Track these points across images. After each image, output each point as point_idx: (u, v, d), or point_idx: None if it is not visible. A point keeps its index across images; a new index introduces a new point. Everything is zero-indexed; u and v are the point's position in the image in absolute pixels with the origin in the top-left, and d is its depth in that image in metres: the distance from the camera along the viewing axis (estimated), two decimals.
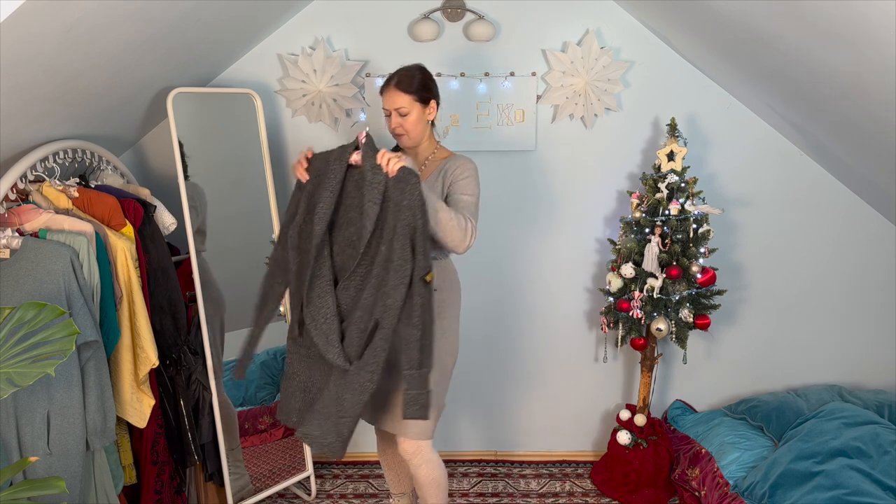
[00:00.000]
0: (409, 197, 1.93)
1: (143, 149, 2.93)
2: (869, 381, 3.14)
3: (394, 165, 1.93)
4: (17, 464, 1.71)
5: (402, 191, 1.93)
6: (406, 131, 2.18)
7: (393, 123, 2.18)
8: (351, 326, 1.99)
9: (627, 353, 3.14)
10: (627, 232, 2.74)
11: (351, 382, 1.99)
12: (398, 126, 2.18)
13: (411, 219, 1.93)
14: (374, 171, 1.95)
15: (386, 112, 2.20)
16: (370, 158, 1.97)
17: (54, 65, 1.83)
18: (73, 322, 1.74)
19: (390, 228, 1.95)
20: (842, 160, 2.74)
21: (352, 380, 1.98)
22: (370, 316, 1.98)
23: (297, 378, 2.14)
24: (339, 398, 2.01)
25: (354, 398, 1.98)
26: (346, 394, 1.99)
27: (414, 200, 1.93)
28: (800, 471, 2.39)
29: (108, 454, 2.20)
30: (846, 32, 1.80)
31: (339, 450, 2.03)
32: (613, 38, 2.81)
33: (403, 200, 1.93)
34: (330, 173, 2.01)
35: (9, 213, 2.05)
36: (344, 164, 2.01)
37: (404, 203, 1.93)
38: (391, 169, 1.93)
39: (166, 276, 2.40)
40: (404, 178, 1.94)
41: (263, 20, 2.64)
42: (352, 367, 1.98)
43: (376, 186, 1.95)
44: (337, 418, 2.01)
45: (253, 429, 2.84)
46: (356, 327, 1.98)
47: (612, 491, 2.94)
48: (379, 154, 1.96)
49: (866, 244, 3.00)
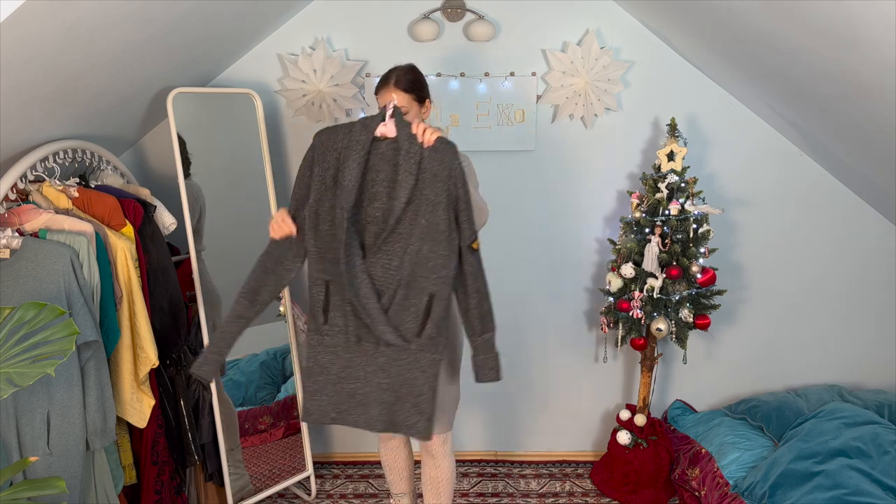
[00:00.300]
0: (448, 167, 1.92)
1: (143, 149, 2.93)
2: (869, 381, 3.14)
3: (431, 135, 1.93)
4: (17, 464, 1.71)
5: (441, 161, 1.92)
6: None
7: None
8: (395, 305, 1.97)
9: (627, 353, 3.14)
10: (627, 232, 2.74)
11: (418, 360, 1.97)
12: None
13: (452, 189, 1.93)
14: (411, 142, 1.92)
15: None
16: (405, 129, 1.94)
17: (54, 65, 1.83)
18: (73, 322, 1.75)
19: (429, 200, 1.93)
20: (842, 160, 2.74)
21: (417, 357, 1.97)
22: (419, 290, 1.96)
23: (328, 372, 2.04)
24: (406, 379, 1.99)
25: (426, 375, 1.98)
26: (413, 372, 1.98)
27: (454, 170, 1.93)
28: (800, 471, 2.39)
29: (108, 454, 2.20)
30: (846, 33, 1.80)
31: (425, 430, 2.00)
32: (613, 38, 2.81)
33: (443, 171, 1.92)
34: (354, 146, 1.94)
35: (9, 213, 2.05)
36: (370, 136, 1.95)
37: (444, 173, 1.92)
38: (428, 139, 1.92)
39: (166, 276, 2.40)
40: (442, 149, 1.93)
41: (263, 20, 2.64)
42: (412, 345, 1.96)
43: (413, 157, 1.92)
44: (414, 398, 1.99)
45: (253, 429, 2.84)
46: (402, 305, 1.97)
47: (612, 491, 2.94)
48: (414, 125, 1.94)
49: (866, 244, 3.00)
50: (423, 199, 1.94)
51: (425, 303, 1.96)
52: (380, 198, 1.95)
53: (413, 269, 1.95)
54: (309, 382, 2.06)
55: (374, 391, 2.02)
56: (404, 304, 1.97)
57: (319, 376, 2.05)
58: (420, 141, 1.92)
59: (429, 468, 2.35)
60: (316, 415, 2.06)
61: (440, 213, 1.93)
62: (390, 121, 1.94)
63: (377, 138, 1.95)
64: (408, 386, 1.99)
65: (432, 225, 1.93)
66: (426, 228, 1.93)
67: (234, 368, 2.86)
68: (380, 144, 1.95)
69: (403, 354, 1.99)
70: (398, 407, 2.01)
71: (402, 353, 1.99)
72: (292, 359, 2.83)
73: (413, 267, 1.95)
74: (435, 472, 2.34)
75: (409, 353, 1.98)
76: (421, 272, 1.95)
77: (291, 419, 2.91)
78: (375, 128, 1.94)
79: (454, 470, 2.38)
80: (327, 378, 2.04)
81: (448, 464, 2.34)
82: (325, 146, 1.98)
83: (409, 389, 1.99)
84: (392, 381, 2.01)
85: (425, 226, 1.93)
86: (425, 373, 1.98)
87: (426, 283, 1.95)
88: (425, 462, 2.36)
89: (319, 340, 2.05)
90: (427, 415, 2.00)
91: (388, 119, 1.94)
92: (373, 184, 1.96)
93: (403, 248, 1.95)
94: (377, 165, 1.95)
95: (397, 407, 2.02)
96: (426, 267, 1.95)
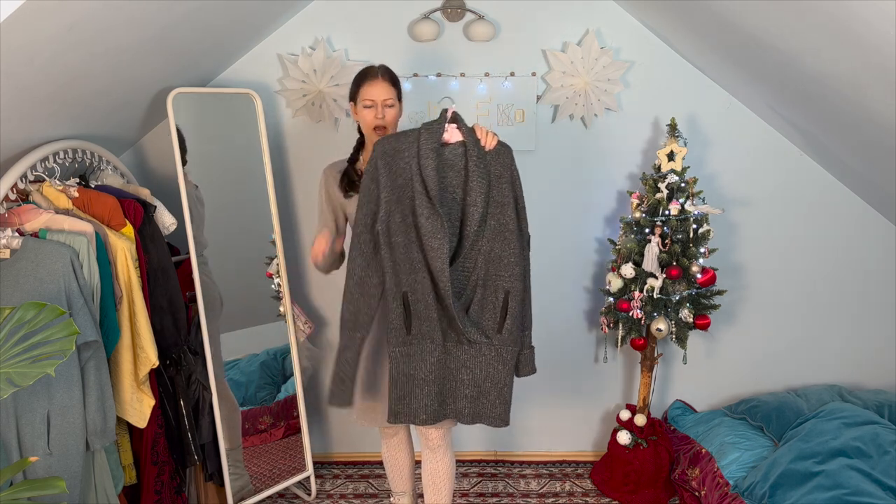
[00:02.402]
0: (510, 168, 2.01)
1: (143, 149, 2.93)
2: (869, 381, 3.14)
3: (492, 139, 2.00)
4: (17, 464, 1.71)
5: (503, 164, 2.00)
6: (388, 124, 2.17)
7: (377, 114, 2.15)
8: (474, 304, 2.05)
9: (627, 353, 3.14)
10: (627, 232, 2.74)
11: (500, 354, 2.06)
12: (382, 118, 2.16)
13: (511, 190, 2.01)
14: (478, 146, 1.98)
15: (368, 103, 2.16)
16: (470, 133, 1.99)
17: (54, 65, 1.83)
18: (73, 322, 1.74)
19: (496, 202, 2.01)
20: (842, 160, 2.74)
21: (500, 351, 2.06)
22: (494, 288, 2.04)
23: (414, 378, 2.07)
24: (489, 374, 2.07)
25: (508, 366, 2.06)
26: (497, 366, 2.06)
27: (514, 172, 2.02)
28: (800, 471, 2.39)
29: (108, 454, 2.20)
30: (846, 32, 1.80)
31: (506, 416, 2.09)
32: (613, 38, 2.81)
33: (506, 172, 2.00)
34: (428, 154, 1.96)
35: (9, 213, 2.05)
36: (439, 142, 1.98)
37: (507, 175, 2.00)
38: (490, 143, 1.99)
39: (166, 276, 2.40)
40: (503, 152, 2.00)
41: (263, 20, 2.64)
42: (493, 340, 2.05)
43: (482, 160, 1.98)
44: (498, 390, 2.07)
45: (253, 429, 2.84)
46: (480, 304, 2.05)
47: (612, 491, 2.94)
48: (477, 128, 2.01)
49: (866, 244, 3.00)
50: (491, 200, 2.01)
51: (502, 300, 2.04)
52: (447, 203, 2.01)
53: (488, 269, 2.04)
54: (394, 389, 2.07)
55: (458, 387, 2.10)
56: (483, 304, 2.06)
57: (406, 384, 2.07)
58: (483, 144, 1.99)
59: (430, 462, 2.36)
60: (405, 416, 2.09)
61: (509, 213, 2.01)
62: (452, 125, 1.98)
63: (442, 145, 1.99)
64: (491, 380, 2.07)
65: (502, 225, 2.02)
66: (496, 229, 2.02)
67: (234, 368, 2.86)
68: (444, 150, 2.00)
69: (486, 350, 2.06)
70: (482, 400, 2.10)
71: (485, 350, 2.06)
72: (292, 359, 2.83)
73: (487, 266, 2.04)
74: (435, 465, 2.35)
75: (492, 348, 2.06)
76: (495, 270, 2.04)
77: (291, 419, 2.92)
78: (442, 134, 1.98)
79: (454, 466, 2.39)
80: (415, 383, 2.08)
81: (449, 458, 2.35)
82: (391, 155, 1.99)
83: (493, 383, 2.07)
84: (474, 377, 2.08)
85: (495, 227, 2.02)
86: (507, 365, 2.06)
87: (500, 281, 2.03)
88: (426, 457, 2.36)
89: (404, 352, 2.06)
90: (508, 403, 2.09)
91: (449, 124, 1.98)
92: (443, 189, 2.01)
93: (479, 250, 2.03)
94: (443, 171, 2.00)
95: (481, 400, 2.10)
96: (499, 265, 2.03)
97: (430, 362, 2.07)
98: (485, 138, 1.99)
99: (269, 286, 2.83)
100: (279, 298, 2.82)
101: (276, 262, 2.79)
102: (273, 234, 2.77)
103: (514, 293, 2.04)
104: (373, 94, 2.15)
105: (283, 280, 2.79)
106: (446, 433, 2.32)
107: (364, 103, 2.17)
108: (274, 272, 2.80)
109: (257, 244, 2.81)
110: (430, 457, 2.35)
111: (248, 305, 2.85)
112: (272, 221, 2.75)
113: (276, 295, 2.83)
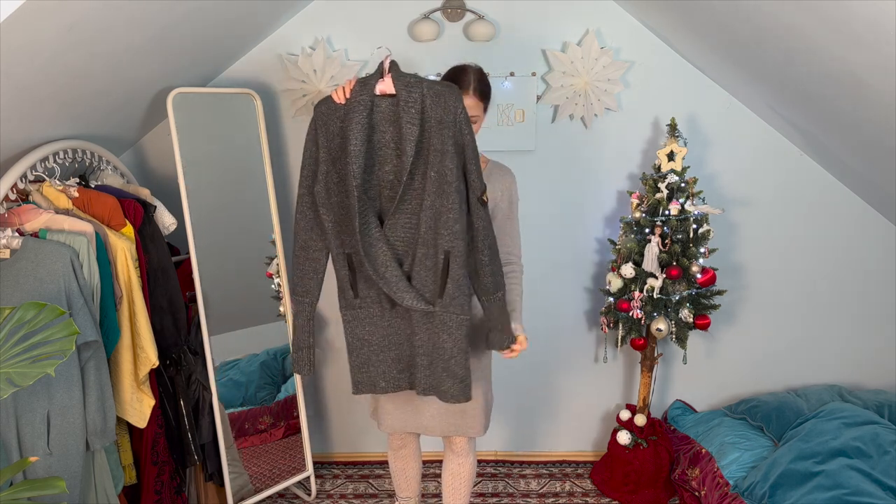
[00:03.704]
0: (452, 111, 1.81)
1: (143, 149, 2.93)
2: (869, 381, 3.14)
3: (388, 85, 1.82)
4: (17, 464, 1.71)
5: (445, 106, 1.81)
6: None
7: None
8: (417, 266, 1.90)
9: (627, 353, 3.14)
10: (627, 232, 2.74)
11: (444, 322, 1.91)
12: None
13: (458, 135, 1.82)
14: (409, 90, 1.82)
15: None
16: (403, 79, 1.83)
17: (54, 65, 1.83)
18: (73, 322, 1.74)
19: (437, 150, 1.83)
20: (842, 160, 2.74)
21: (443, 319, 1.91)
22: (436, 249, 1.88)
23: (369, 343, 2.00)
24: (436, 343, 1.94)
25: (454, 337, 1.91)
26: (441, 335, 1.93)
27: (459, 115, 1.82)
28: (800, 471, 2.39)
29: (108, 454, 2.20)
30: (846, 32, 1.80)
31: (460, 393, 1.95)
32: (613, 38, 2.81)
33: (447, 116, 1.81)
34: (355, 107, 1.83)
35: (9, 213, 2.05)
36: (370, 95, 1.84)
37: (448, 119, 1.81)
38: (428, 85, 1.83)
39: (166, 276, 2.40)
40: (444, 93, 1.82)
41: (263, 20, 2.64)
42: (436, 307, 1.90)
43: (413, 105, 1.81)
44: (444, 362, 1.94)
45: (253, 429, 2.84)
46: (423, 265, 1.90)
47: (612, 491, 2.94)
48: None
49: (866, 244, 3.00)
50: (431, 149, 1.83)
51: (442, 261, 1.88)
52: (390, 160, 1.87)
53: (430, 226, 1.88)
54: (353, 357, 2.03)
55: (414, 354, 1.99)
56: (425, 265, 1.90)
57: (362, 349, 2.02)
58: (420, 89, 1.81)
59: (453, 465, 2.36)
60: (366, 385, 2.04)
61: (447, 163, 1.82)
62: (388, 76, 1.83)
63: (378, 97, 1.84)
64: (438, 350, 1.94)
65: (441, 176, 1.83)
66: (436, 180, 1.84)
67: (234, 368, 2.86)
68: (381, 103, 1.85)
69: (430, 318, 1.93)
70: (432, 370, 1.98)
71: (429, 317, 1.93)
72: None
73: (431, 223, 1.87)
74: (458, 468, 2.35)
75: (435, 316, 1.92)
76: (436, 228, 1.87)
77: (291, 419, 2.91)
78: (374, 85, 1.83)
79: (475, 468, 2.39)
80: (370, 349, 2.01)
81: (471, 462, 2.35)
82: (327, 115, 1.89)
83: (440, 353, 1.94)
84: (425, 344, 1.97)
85: (435, 178, 1.84)
86: (452, 335, 1.92)
87: (441, 241, 1.87)
88: (450, 460, 2.37)
89: (354, 315, 2.00)
90: (460, 377, 1.94)
91: (386, 75, 1.83)
92: (380, 146, 1.87)
93: (419, 204, 1.87)
94: (381, 126, 1.86)
95: (431, 370, 1.98)
96: (439, 222, 1.86)
97: (382, 326, 1.98)
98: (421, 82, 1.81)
99: (269, 286, 2.83)
100: (279, 298, 2.82)
101: (276, 262, 2.79)
102: (273, 234, 2.77)
103: (454, 254, 1.86)
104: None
105: (283, 280, 2.79)
106: (470, 439, 2.31)
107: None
108: (274, 272, 2.81)
109: (257, 244, 2.81)
110: (454, 460, 2.35)
111: (248, 305, 2.84)
112: (272, 221, 2.76)
113: (276, 295, 2.83)
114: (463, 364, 1.94)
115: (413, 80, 1.83)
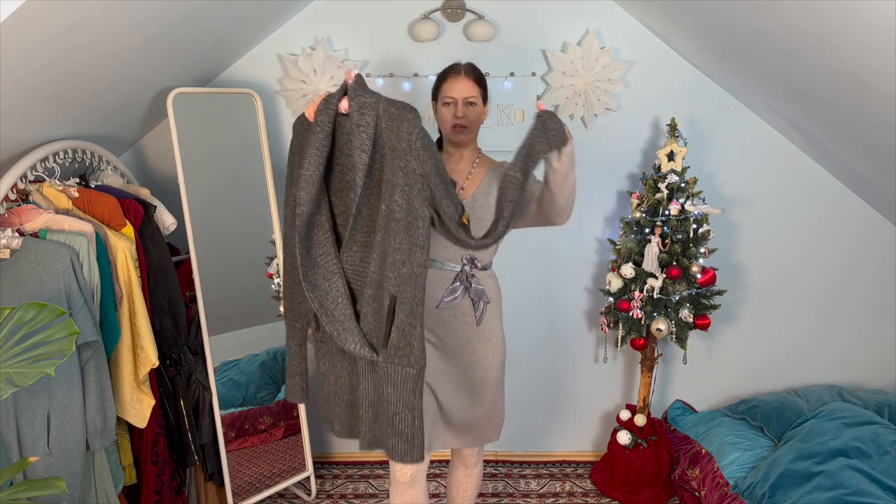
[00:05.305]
0: (406, 138, 1.55)
1: (143, 149, 2.93)
2: (869, 381, 3.14)
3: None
4: (17, 464, 1.71)
5: (398, 132, 1.56)
6: (470, 123, 1.98)
7: (459, 112, 1.95)
8: (364, 308, 1.68)
9: (627, 353, 3.14)
10: (627, 232, 2.74)
11: (387, 374, 1.68)
12: (464, 117, 1.96)
13: (416, 164, 1.56)
14: (362, 112, 1.59)
15: (448, 100, 1.97)
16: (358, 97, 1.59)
17: (54, 65, 1.83)
18: (73, 322, 1.75)
19: (388, 181, 1.59)
20: (842, 160, 2.74)
21: (386, 371, 1.68)
22: (383, 291, 1.65)
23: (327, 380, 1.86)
24: (381, 395, 1.71)
25: (398, 391, 1.67)
26: (386, 388, 1.69)
27: (415, 141, 1.56)
28: (800, 471, 2.39)
29: (108, 454, 2.20)
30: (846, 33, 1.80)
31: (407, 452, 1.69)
32: (613, 38, 2.81)
33: (400, 144, 1.56)
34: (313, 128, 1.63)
35: (9, 213, 2.05)
36: (331, 114, 1.64)
37: (401, 147, 1.56)
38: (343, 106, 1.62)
39: (166, 276, 2.40)
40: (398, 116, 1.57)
41: (263, 20, 2.64)
42: (379, 356, 1.68)
43: (364, 130, 1.58)
44: (389, 417, 1.70)
45: (253, 429, 2.84)
46: (370, 308, 1.67)
47: (612, 491, 2.94)
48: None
49: (866, 244, 3.00)
50: (384, 179, 1.62)
51: (387, 307, 1.66)
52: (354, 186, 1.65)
53: (379, 265, 1.66)
54: (321, 389, 1.94)
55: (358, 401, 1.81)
56: (372, 307, 1.68)
57: (326, 384, 1.91)
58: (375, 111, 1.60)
59: (461, 475, 2.36)
60: (326, 422, 1.95)
61: (395, 197, 1.59)
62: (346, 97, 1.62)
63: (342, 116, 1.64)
64: (383, 403, 1.71)
65: (390, 211, 1.60)
66: (386, 215, 1.62)
67: (235, 368, 2.86)
68: (345, 123, 1.64)
69: (375, 367, 1.71)
70: (378, 423, 1.76)
71: (374, 366, 1.71)
72: None
73: (379, 261, 1.66)
74: (467, 478, 2.36)
75: (378, 366, 1.70)
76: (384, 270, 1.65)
77: (291, 419, 2.91)
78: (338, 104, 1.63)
79: (482, 477, 2.42)
80: (329, 389, 1.89)
81: (479, 471, 2.36)
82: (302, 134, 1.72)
83: (385, 407, 1.71)
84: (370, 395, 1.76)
85: (385, 212, 1.61)
86: (397, 388, 1.68)
87: (387, 283, 1.64)
88: (458, 471, 2.36)
89: (318, 348, 1.88)
90: (405, 436, 1.68)
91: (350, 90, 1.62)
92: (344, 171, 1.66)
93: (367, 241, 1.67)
94: (345, 148, 1.64)
95: (378, 423, 1.77)
96: (385, 263, 1.64)
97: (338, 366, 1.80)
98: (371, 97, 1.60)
99: (269, 286, 2.83)
100: (279, 298, 2.82)
101: (276, 262, 2.79)
102: (273, 235, 2.77)
103: (401, 300, 1.62)
104: (454, 91, 1.96)
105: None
106: (481, 449, 2.31)
107: (444, 100, 1.99)
108: (274, 272, 2.81)
109: (257, 244, 2.81)
110: (463, 471, 2.36)
111: (248, 305, 2.84)
112: (272, 221, 2.76)
113: (276, 295, 2.83)
114: (412, 423, 1.68)
115: (369, 102, 1.62)
